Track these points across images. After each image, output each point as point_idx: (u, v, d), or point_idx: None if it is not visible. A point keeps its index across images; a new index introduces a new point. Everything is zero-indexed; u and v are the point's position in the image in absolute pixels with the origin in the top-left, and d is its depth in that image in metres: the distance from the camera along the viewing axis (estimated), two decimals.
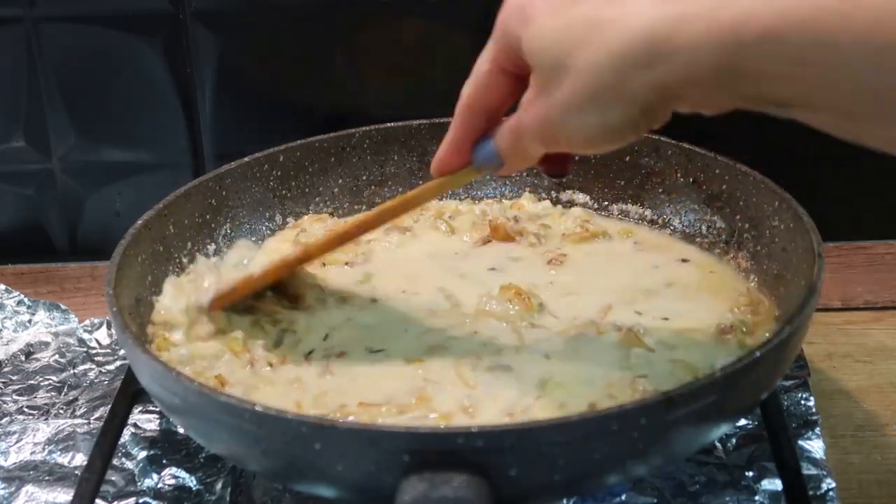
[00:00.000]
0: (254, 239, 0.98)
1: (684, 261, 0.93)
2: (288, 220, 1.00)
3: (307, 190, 1.02)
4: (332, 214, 1.02)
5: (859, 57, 0.53)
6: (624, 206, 1.00)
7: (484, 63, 0.71)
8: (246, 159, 0.98)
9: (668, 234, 0.97)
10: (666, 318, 0.84)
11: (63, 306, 1.04)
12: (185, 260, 0.92)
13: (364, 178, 1.04)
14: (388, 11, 1.07)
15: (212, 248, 0.95)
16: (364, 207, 1.03)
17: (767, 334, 0.80)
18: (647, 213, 0.99)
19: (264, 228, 0.99)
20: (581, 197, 1.02)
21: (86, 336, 1.01)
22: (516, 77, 0.70)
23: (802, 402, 0.87)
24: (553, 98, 0.64)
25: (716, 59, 0.57)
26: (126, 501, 0.81)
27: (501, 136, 0.71)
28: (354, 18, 1.07)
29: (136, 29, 1.07)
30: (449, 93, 1.09)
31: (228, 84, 1.09)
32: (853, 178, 1.10)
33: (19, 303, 1.04)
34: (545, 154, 0.71)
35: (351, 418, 0.73)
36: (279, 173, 1.00)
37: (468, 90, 0.73)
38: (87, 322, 1.02)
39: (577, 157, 0.82)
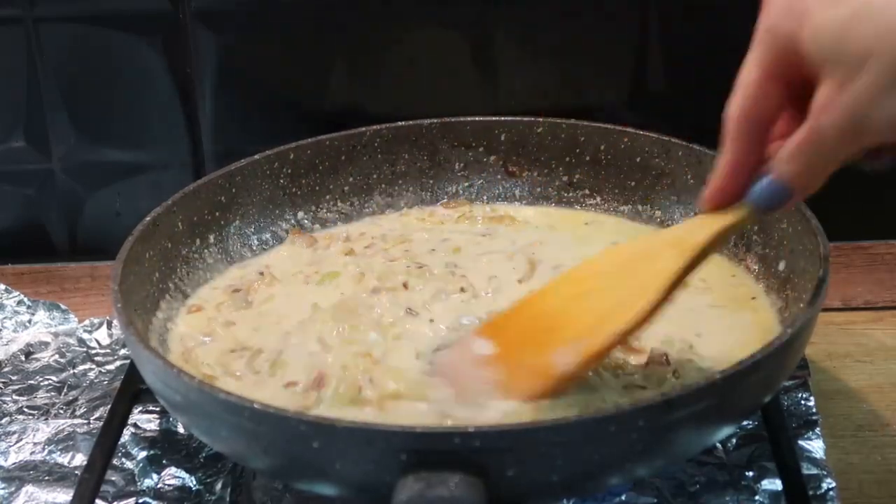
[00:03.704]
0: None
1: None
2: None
3: (317, 188, 1.02)
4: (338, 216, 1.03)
5: None
6: (633, 207, 1.00)
7: (751, 72, 0.67)
8: (256, 157, 0.98)
9: None
10: None
11: (63, 306, 1.04)
12: (194, 256, 0.93)
13: (374, 176, 1.04)
14: (388, 10, 1.07)
15: (218, 247, 0.95)
16: (374, 207, 1.03)
17: None
18: (657, 213, 0.99)
19: (266, 231, 0.99)
20: (592, 198, 1.02)
21: (86, 336, 1.01)
22: (787, 83, 0.66)
23: (802, 402, 0.86)
24: (859, 87, 0.61)
25: None
26: (126, 501, 0.81)
27: (785, 161, 0.66)
28: (355, 18, 1.07)
29: (136, 29, 1.07)
30: (450, 92, 1.10)
31: (228, 84, 1.09)
32: (853, 178, 1.09)
33: (19, 303, 1.04)
34: None
35: None
36: (289, 171, 1.00)
37: (738, 103, 0.67)
38: (87, 322, 1.02)
39: None
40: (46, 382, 0.95)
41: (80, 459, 0.86)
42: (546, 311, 0.76)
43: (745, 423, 0.84)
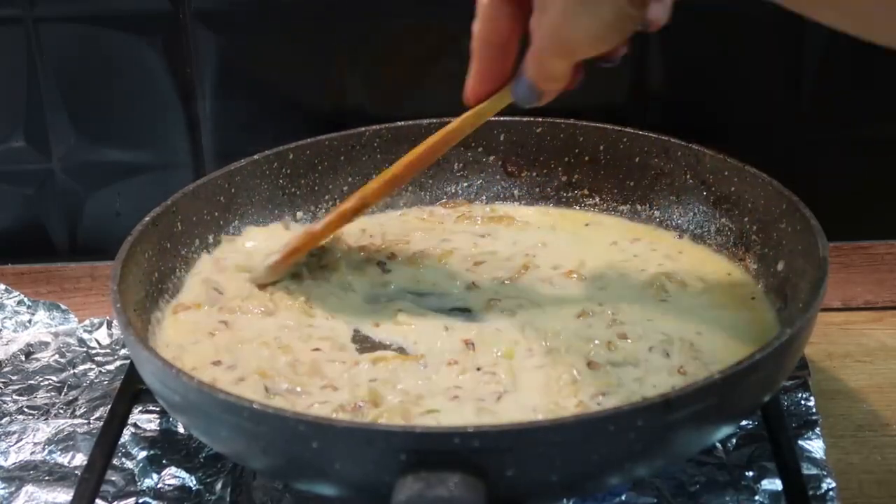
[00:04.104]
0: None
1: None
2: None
3: (316, 188, 1.02)
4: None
5: None
6: (632, 207, 1.00)
7: None
8: (255, 157, 0.98)
9: (675, 236, 0.97)
10: None
11: (63, 306, 1.04)
12: (194, 256, 0.93)
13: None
14: (388, 11, 1.07)
15: (219, 246, 0.95)
16: (373, 207, 1.03)
17: None
18: (656, 213, 0.99)
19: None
20: (591, 198, 1.02)
21: (86, 336, 1.01)
22: (517, 4, 0.74)
23: (802, 402, 0.86)
24: (551, 12, 0.69)
25: None
26: (126, 501, 0.81)
27: (528, 66, 0.75)
28: (355, 18, 1.07)
29: (136, 29, 1.07)
30: (450, 93, 1.10)
31: (228, 84, 1.09)
32: (853, 178, 1.09)
33: (19, 303, 1.04)
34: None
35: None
36: (289, 171, 1.00)
37: (477, 25, 0.77)
38: (87, 322, 1.02)
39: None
40: (46, 382, 0.95)
41: (80, 459, 0.86)
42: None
43: (745, 423, 0.84)
